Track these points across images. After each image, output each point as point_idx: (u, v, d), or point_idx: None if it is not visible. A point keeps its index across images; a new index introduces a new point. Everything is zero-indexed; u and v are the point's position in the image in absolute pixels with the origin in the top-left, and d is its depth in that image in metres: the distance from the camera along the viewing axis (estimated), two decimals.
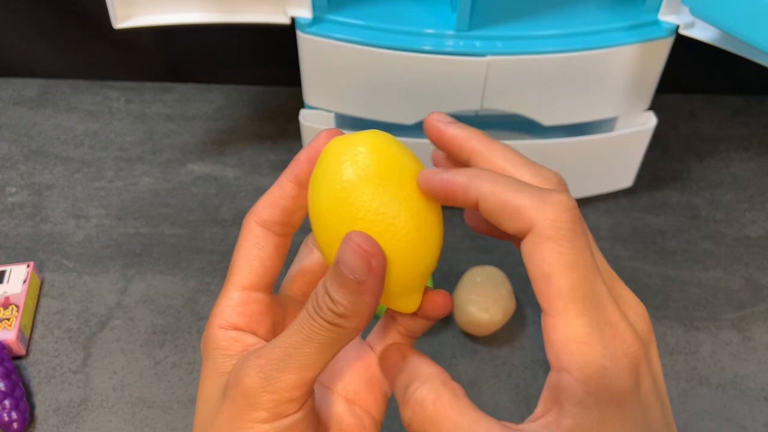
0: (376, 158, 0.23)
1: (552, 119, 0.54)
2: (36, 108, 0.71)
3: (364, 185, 0.23)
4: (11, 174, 0.64)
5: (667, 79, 0.55)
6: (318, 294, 0.23)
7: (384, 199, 0.22)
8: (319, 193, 0.24)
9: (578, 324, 0.19)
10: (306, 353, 0.22)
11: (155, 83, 0.73)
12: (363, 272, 0.21)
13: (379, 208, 0.22)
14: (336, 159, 0.23)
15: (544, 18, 0.51)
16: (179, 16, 0.50)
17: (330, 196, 0.23)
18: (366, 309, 0.22)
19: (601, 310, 0.19)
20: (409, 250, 0.23)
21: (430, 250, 0.24)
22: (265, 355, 0.23)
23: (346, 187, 0.23)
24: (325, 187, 0.23)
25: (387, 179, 0.23)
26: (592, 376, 0.19)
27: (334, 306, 0.22)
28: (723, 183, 0.64)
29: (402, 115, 0.53)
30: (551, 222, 0.20)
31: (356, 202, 0.23)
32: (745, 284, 0.55)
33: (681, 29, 0.50)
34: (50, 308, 0.53)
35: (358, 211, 0.22)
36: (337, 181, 0.23)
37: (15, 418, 0.45)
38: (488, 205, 0.21)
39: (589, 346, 0.19)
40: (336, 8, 0.51)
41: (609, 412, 0.19)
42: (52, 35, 0.70)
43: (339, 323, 0.22)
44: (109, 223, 0.59)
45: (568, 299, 0.19)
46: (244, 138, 0.68)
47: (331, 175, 0.23)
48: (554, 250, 0.20)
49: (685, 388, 0.48)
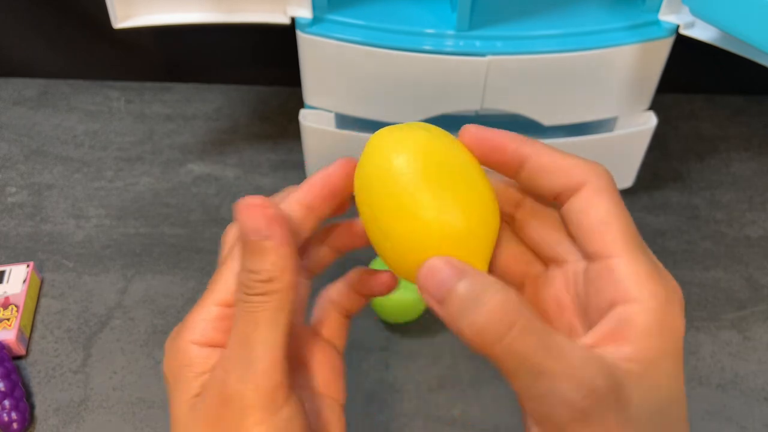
0: (426, 152, 0.23)
1: (552, 119, 0.54)
2: (36, 108, 0.71)
3: (419, 179, 0.22)
4: (11, 174, 0.64)
5: (667, 79, 0.55)
6: (240, 277, 0.23)
7: (438, 190, 0.22)
8: (372, 193, 0.23)
9: (643, 260, 0.20)
10: (263, 337, 0.22)
11: (155, 83, 0.73)
12: (264, 226, 0.22)
13: (435, 200, 0.22)
14: (387, 155, 0.23)
15: (545, 18, 0.51)
16: (179, 15, 0.50)
17: (386, 195, 0.23)
18: (289, 261, 0.22)
19: (651, 255, 0.21)
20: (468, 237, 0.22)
21: (485, 232, 0.23)
22: (230, 360, 0.22)
23: (401, 183, 0.22)
24: (379, 186, 0.23)
25: (439, 170, 0.22)
26: (660, 306, 0.20)
27: (258, 275, 0.22)
28: (723, 183, 0.64)
29: (402, 115, 0.53)
30: (604, 177, 0.22)
31: (413, 197, 0.22)
32: (745, 284, 0.55)
33: (681, 29, 0.50)
34: (50, 308, 0.53)
35: (415, 206, 0.22)
36: (391, 178, 0.22)
37: (15, 419, 0.45)
38: (540, 162, 0.22)
39: (655, 279, 0.20)
40: (336, 8, 0.51)
41: (669, 345, 0.20)
42: (52, 35, 0.70)
43: (271, 289, 0.22)
44: (109, 223, 0.59)
45: (630, 241, 0.21)
46: (244, 138, 0.68)
47: (385, 172, 0.23)
48: (612, 199, 0.21)
49: (685, 388, 0.48)
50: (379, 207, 0.23)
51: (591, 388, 0.19)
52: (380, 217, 0.23)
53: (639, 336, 0.20)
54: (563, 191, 0.22)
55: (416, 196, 0.22)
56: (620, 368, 0.19)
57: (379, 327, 0.52)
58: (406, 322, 0.52)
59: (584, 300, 0.22)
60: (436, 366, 0.50)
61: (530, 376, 0.19)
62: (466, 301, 0.20)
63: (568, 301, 0.24)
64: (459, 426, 0.46)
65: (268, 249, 0.22)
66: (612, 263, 0.21)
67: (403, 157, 0.23)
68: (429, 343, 0.51)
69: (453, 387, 0.48)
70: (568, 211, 0.22)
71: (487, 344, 0.19)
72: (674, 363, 0.20)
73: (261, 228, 0.22)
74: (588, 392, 0.19)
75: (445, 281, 0.20)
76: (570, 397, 0.19)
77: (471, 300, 0.20)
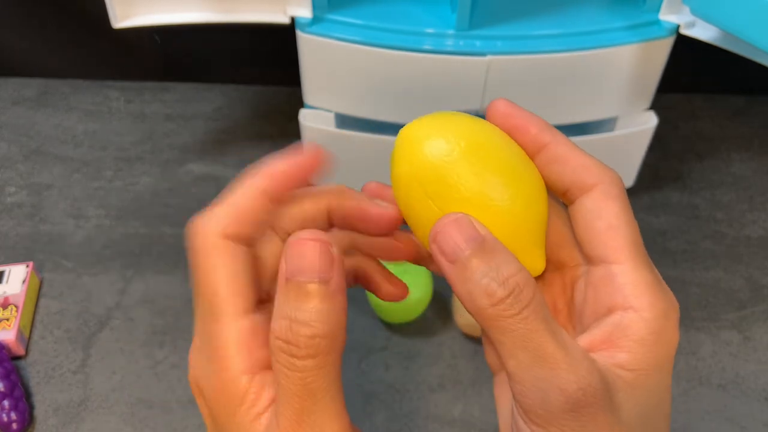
0: (470, 137, 0.22)
1: (552, 119, 0.53)
2: (35, 108, 0.70)
3: (460, 165, 0.21)
4: (10, 174, 0.64)
5: (667, 79, 0.55)
6: (279, 327, 0.19)
7: (481, 175, 0.21)
8: (411, 183, 0.22)
9: (645, 271, 0.20)
10: (321, 406, 0.19)
11: (155, 83, 0.73)
12: (326, 269, 0.19)
13: (477, 185, 0.21)
14: (423, 144, 0.22)
15: (545, 17, 0.51)
16: (179, 15, 0.50)
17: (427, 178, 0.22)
18: (343, 313, 0.19)
19: (653, 267, 0.21)
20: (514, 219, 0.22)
21: (536, 211, 0.22)
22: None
23: (441, 170, 0.21)
24: (429, 172, 0.22)
25: (477, 154, 0.22)
26: (657, 318, 0.20)
27: (307, 329, 0.18)
28: (723, 183, 0.64)
29: (402, 115, 0.53)
30: (616, 183, 0.22)
31: (456, 183, 0.21)
32: (745, 284, 0.55)
33: (682, 29, 0.50)
34: (49, 308, 0.53)
35: (458, 192, 0.21)
36: (432, 166, 0.22)
37: (14, 419, 0.45)
38: (557, 152, 0.22)
39: (655, 291, 0.20)
40: (336, 8, 0.50)
41: (662, 357, 0.20)
42: (51, 35, 0.70)
43: (322, 349, 0.19)
44: (109, 223, 0.59)
45: (635, 250, 0.21)
46: (244, 138, 0.68)
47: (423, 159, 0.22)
48: (622, 206, 0.21)
49: (685, 388, 0.48)
50: (434, 194, 0.22)
51: (588, 382, 0.19)
52: (423, 203, 0.22)
53: (634, 345, 0.20)
54: (573, 187, 0.22)
55: (473, 179, 0.21)
56: (612, 374, 0.19)
57: (379, 327, 0.52)
58: (406, 322, 0.52)
59: (580, 304, 0.22)
60: (436, 366, 0.49)
61: (532, 357, 0.19)
62: (484, 268, 0.19)
63: (561, 305, 0.24)
64: (459, 426, 0.46)
65: (326, 295, 0.19)
66: (615, 269, 0.21)
67: (454, 140, 0.22)
68: (429, 343, 0.51)
69: (453, 387, 0.48)
70: (576, 210, 0.22)
71: (499, 317, 0.19)
72: (665, 375, 0.20)
73: (322, 267, 0.19)
74: (585, 386, 0.19)
75: (461, 242, 0.19)
76: (566, 386, 0.18)
77: (489, 269, 0.19)
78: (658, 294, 0.20)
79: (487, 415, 0.47)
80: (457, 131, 0.22)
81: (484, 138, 0.22)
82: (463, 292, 0.19)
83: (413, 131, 0.23)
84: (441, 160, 0.22)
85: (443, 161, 0.22)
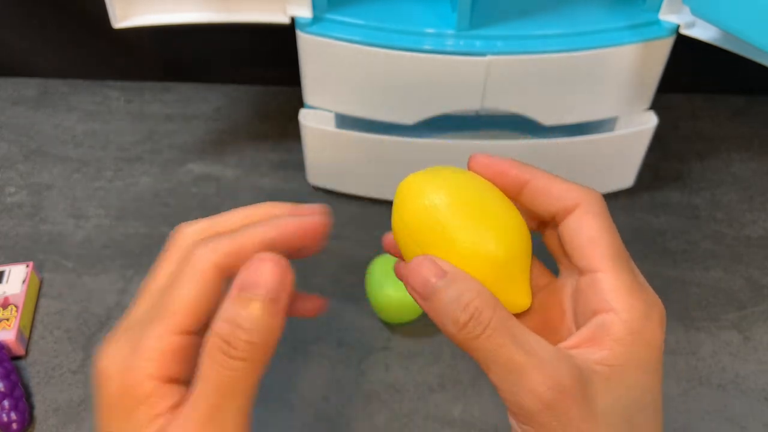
0: (458, 189, 0.25)
1: (552, 119, 0.54)
2: (35, 108, 0.71)
3: (445, 217, 0.24)
4: (10, 174, 0.64)
5: (667, 79, 0.55)
6: (221, 327, 0.21)
7: (464, 225, 0.24)
8: (412, 231, 0.25)
9: (625, 276, 0.23)
10: (237, 406, 0.21)
11: (155, 83, 0.73)
12: (278, 287, 0.22)
13: (462, 235, 0.24)
14: (422, 195, 0.25)
15: (545, 17, 0.51)
16: (179, 15, 0.50)
17: (421, 227, 0.25)
18: (279, 330, 0.22)
19: (636, 272, 0.23)
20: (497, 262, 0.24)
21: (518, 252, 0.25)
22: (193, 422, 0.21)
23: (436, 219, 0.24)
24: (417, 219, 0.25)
25: (472, 204, 0.25)
26: (635, 319, 0.22)
27: (247, 335, 0.21)
28: (724, 183, 0.64)
29: (402, 115, 0.53)
30: (595, 201, 0.24)
31: (441, 233, 0.24)
32: (745, 284, 0.55)
33: (682, 29, 0.50)
34: (49, 308, 0.53)
35: (444, 242, 0.24)
36: (428, 213, 0.25)
37: (14, 419, 0.45)
38: (538, 185, 0.25)
39: (635, 294, 0.23)
40: (336, 7, 0.51)
41: (640, 354, 0.22)
42: (51, 35, 0.70)
43: (255, 355, 0.21)
44: (109, 223, 0.59)
45: (615, 258, 0.23)
46: (244, 138, 0.68)
47: (423, 208, 0.25)
48: (601, 220, 0.24)
49: (685, 388, 0.48)
50: (424, 244, 0.25)
51: (557, 381, 0.21)
52: (417, 248, 0.25)
53: (613, 343, 0.22)
54: (558, 212, 0.25)
55: (457, 230, 0.24)
56: (589, 368, 0.22)
57: (379, 327, 0.52)
58: (406, 322, 0.52)
59: (574, 309, 0.25)
60: (436, 366, 0.50)
61: (503, 368, 0.21)
62: (447, 299, 0.22)
63: (568, 309, 0.26)
64: (459, 426, 0.46)
65: (271, 312, 0.21)
66: (597, 277, 0.23)
67: (440, 195, 0.25)
68: (429, 343, 0.51)
69: (453, 387, 0.48)
70: (563, 229, 0.25)
71: (467, 339, 0.22)
72: (645, 373, 0.22)
73: (274, 288, 0.21)
74: (554, 385, 0.21)
75: (429, 279, 0.23)
76: (537, 388, 0.21)
77: (452, 299, 0.22)
78: (637, 297, 0.23)
79: (487, 415, 0.47)
80: (443, 186, 0.25)
81: (469, 189, 0.25)
82: (438, 323, 0.23)
83: (405, 186, 0.26)
84: (426, 214, 0.25)
85: (428, 215, 0.24)
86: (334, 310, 0.53)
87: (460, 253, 0.24)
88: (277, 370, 0.49)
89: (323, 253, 0.59)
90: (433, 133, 0.59)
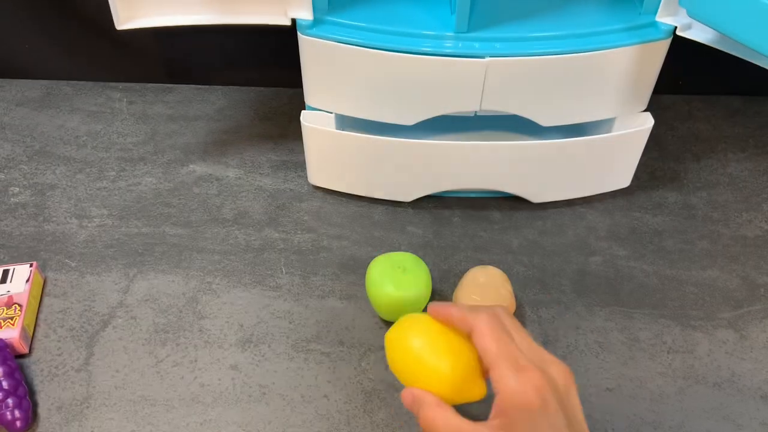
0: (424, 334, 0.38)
1: (550, 120, 0.54)
2: (39, 109, 0.71)
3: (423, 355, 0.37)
4: (14, 174, 0.64)
5: (664, 80, 0.56)
6: None
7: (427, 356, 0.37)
8: (398, 362, 0.39)
9: (503, 369, 0.33)
10: None
11: (157, 84, 0.74)
12: None
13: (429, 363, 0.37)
14: (401, 341, 0.39)
15: (543, 19, 0.51)
16: (181, 17, 0.51)
17: (404, 362, 0.38)
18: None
19: (515, 363, 0.33)
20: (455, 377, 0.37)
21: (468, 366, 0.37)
22: None
23: (412, 355, 0.38)
24: (401, 357, 0.39)
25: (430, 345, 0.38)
26: (510, 397, 0.33)
27: None
28: (720, 183, 0.64)
29: (402, 116, 0.54)
30: (484, 323, 0.35)
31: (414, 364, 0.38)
32: (741, 283, 0.56)
33: (678, 31, 0.50)
34: (53, 307, 0.53)
35: (423, 367, 0.37)
36: (406, 353, 0.38)
37: (18, 416, 0.45)
38: (453, 319, 0.37)
39: (508, 379, 0.33)
40: (336, 10, 0.51)
41: (521, 419, 0.32)
42: (54, 37, 0.70)
43: None
44: (112, 223, 0.60)
45: (497, 359, 0.34)
46: (246, 138, 0.68)
47: (402, 349, 0.39)
48: (487, 338, 0.35)
49: (682, 386, 0.49)
50: (411, 374, 0.38)
51: None
52: (406, 376, 0.38)
53: (501, 414, 0.33)
54: (467, 333, 0.36)
55: (427, 364, 0.37)
56: (489, 428, 0.33)
57: (379, 325, 0.52)
58: None
59: None
60: None
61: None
62: (417, 413, 0.36)
63: None
64: None
65: None
66: (492, 373, 0.34)
67: (414, 339, 0.38)
68: None
69: None
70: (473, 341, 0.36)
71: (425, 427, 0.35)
72: (530, 427, 0.32)
73: None
74: None
75: (411, 405, 0.37)
76: None
77: (419, 415, 0.36)
78: (510, 381, 0.33)
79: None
80: (414, 331, 0.38)
81: (430, 332, 0.38)
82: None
83: (389, 338, 0.40)
84: (401, 352, 0.38)
85: (403, 353, 0.38)
86: (334, 308, 0.53)
87: (432, 378, 0.37)
88: (278, 368, 0.50)
89: (323, 252, 0.60)
90: (433, 133, 0.60)
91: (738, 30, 0.44)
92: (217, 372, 0.49)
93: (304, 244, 0.58)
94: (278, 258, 0.57)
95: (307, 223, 0.60)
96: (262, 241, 0.58)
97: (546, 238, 0.59)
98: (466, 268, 0.53)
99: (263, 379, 0.49)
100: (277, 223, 0.60)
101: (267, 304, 0.54)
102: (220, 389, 0.48)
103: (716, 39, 0.49)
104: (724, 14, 0.44)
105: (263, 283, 0.55)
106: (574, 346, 0.51)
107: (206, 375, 0.49)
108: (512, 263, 0.57)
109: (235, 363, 0.50)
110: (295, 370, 0.50)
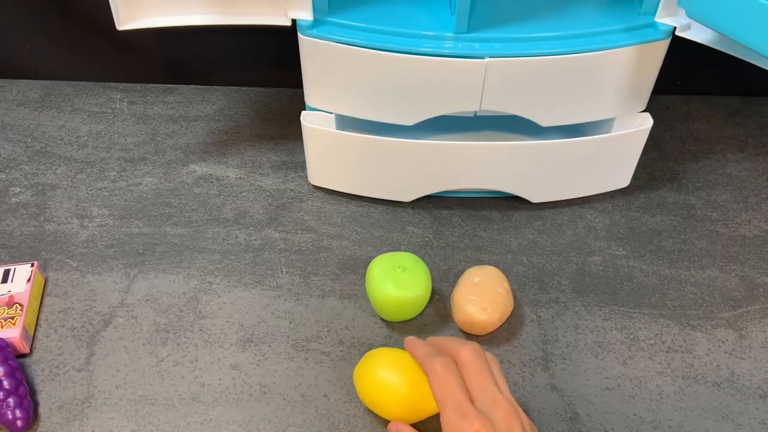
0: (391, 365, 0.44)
1: (550, 120, 0.54)
2: (40, 109, 0.71)
3: (380, 381, 0.44)
4: (15, 174, 0.64)
5: (663, 81, 0.56)
6: None
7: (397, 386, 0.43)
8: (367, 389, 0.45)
9: (447, 413, 0.37)
10: None
11: (158, 85, 0.74)
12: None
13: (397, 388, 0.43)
14: (373, 371, 0.45)
15: (542, 20, 0.51)
16: (182, 18, 0.51)
17: (373, 390, 0.45)
18: None
19: (458, 408, 0.37)
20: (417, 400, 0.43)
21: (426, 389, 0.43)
22: None
23: (379, 384, 0.44)
24: (370, 385, 0.45)
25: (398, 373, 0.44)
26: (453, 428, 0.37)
27: None
28: (719, 183, 0.64)
29: (402, 116, 0.54)
30: (439, 367, 0.39)
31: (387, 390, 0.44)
32: (740, 283, 0.56)
33: (677, 31, 0.50)
34: (54, 307, 0.53)
35: (389, 393, 0.44)
36: (374, 381, 0.44)
37: (19, 416, 0.45)
38: (418, 362, 0.42)
39: (449, 424, 0.37)
40: (336, 10, 0.51)
41: None
42: (55, 37, 0.70)
43: None
44: (112, 223, 0.60)
45: (442, 404, 0.38)
46: (246, 139, 0.68)
47: (371, 377, 0.45)
48: (435, 384, 0.39)
49: (681, 386, 0.49)
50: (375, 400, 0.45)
51: None
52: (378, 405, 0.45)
53: None
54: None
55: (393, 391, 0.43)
56: None
57: (379, 325, 0.52)
58: (405, 320, 0.52)
59: None
60: None
61: None
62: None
63: None
64: None
65: None
66: (440, 416, 0.38)
67: (378, 369, 0.44)
68: None
69: None
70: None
71: None
72: None
73: None
74: None
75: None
76: None
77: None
78: (453, 425, 0.36)
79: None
80: (384, 363, 0.44)
81: (399, 364, 0.44)
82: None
83: (356, 370, 0.46)
84: (370, 384, 0.45)
85: (371, 385, 0.45)
86: (334, 308, 0.53)
87: (393, 402, 0.43)
88: (278, 367, 0.50)
89: (323, 252, 0.60)
90: (433, 134, 0.60)
91: (737, 30, 0.44)
92: (217, 371, 0.49)
93: (305, 244, 0.58)
94: (278, 258, 0.57)
95: (308, 223, 0.60)
96: (262, 241, 0.59)
97: (545, 238, 0.59)
98: (465, 267, 0.54)
99: (263, 379, 0.49)
100: (278, 223, 0.60)
101: (267, 303, 0.54)
102: (221, 389, 0.48)
103: (715, 39, 0.49)
104: (723, 14, 0.44)
105: (263, 283, 0.55)
106: (574, 346, 0.51)
107: (207, 374, 0.49)
108: (512, 263, 0.57)
109: (236, 362, 0.50)
110: (295, 369, 0.50)
